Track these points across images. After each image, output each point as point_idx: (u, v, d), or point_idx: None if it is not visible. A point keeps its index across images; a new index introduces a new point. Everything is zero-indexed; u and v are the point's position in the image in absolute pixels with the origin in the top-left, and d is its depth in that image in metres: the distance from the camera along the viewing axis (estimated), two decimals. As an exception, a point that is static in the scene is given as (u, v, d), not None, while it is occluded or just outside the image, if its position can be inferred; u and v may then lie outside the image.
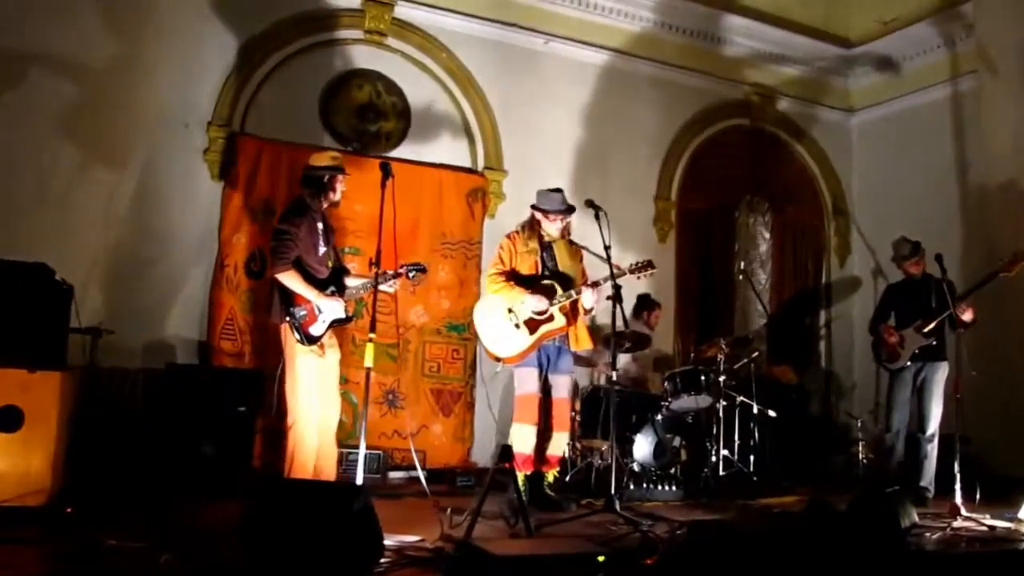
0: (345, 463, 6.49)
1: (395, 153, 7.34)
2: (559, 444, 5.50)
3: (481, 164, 7.65)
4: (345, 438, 6.77)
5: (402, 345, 7.16)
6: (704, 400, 6.74)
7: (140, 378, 5.83)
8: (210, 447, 5.50)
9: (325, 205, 5.21)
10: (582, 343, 5.48)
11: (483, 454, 7.33)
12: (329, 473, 5.13)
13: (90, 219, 6.34)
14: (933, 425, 6.32)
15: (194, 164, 6.71)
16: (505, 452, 4.22)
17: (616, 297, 5.02)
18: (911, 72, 8.75)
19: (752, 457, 7.00)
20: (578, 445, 6.61)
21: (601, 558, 2.84)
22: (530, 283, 5.31)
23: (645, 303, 7.57)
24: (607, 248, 5.23)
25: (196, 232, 6.64)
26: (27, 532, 3.75)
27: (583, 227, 5.67)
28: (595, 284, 5.31)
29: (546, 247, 5.50)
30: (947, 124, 8.40)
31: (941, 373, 6.35)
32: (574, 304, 5.40)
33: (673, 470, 6.41)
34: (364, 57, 7.33)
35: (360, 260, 7.05)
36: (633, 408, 6.74)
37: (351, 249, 7.04)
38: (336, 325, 5.09)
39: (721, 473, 6.67)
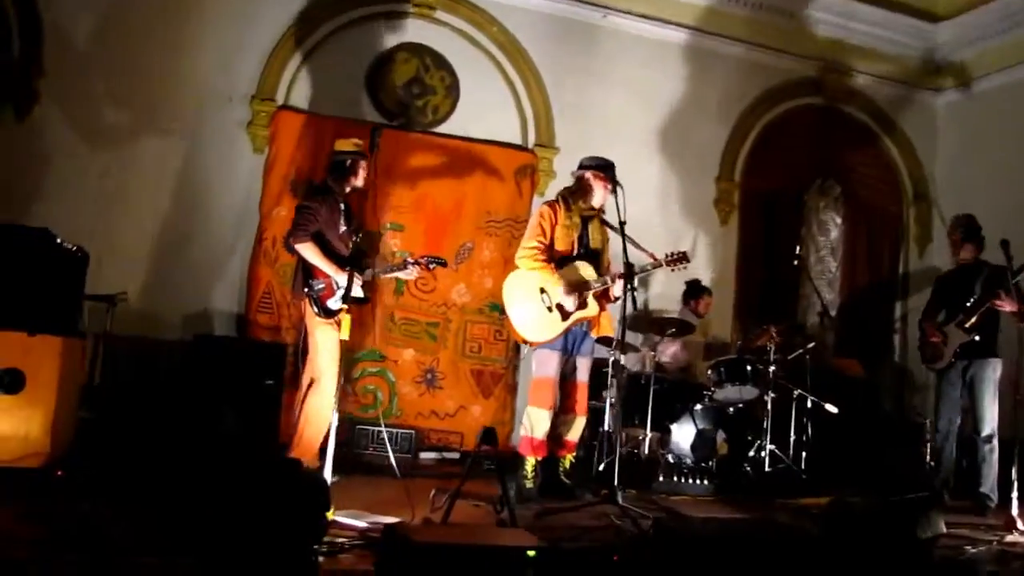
0: (375, 442, 6.52)
1: (442, 128, 7.28)
2: (578, 429, 5.31)
3: (532, 141, 7.48)
4: (378, 416, 6.81)
5: (443, 324, 7.07)
6: (749, 392, 6.45)
7: (165, 349, 5.89)
8: (232, 418, 5.51)
9: (348, 189, 5.27)
10: (603, 330, 5.26)
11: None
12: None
13: (136, 189, 6.50)
14: (989, 426, 5.88)
15: (237, 137, 6.76)
16: (487, 436, 4.05)
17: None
18: (1001, 48, 8.15)
19: (804, 454, 6.67)
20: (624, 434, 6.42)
21: (532, 553, 2.66)
22: (564, 263, 5.11)
23: (693, 290, 7.28)
24: (622, 224, 4.97)
25: (237, 205, 6.70)
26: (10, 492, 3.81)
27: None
28: (636, 272, 5.04)
29: (585, 221, 5.25)
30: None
31: (991, 370, 5.92)
32: (605, 290, 5.19)
33: (709, 463, 6.13)
34: (413, 31, 7.24)
35: (403, 236, 7.02)
36: (676, 397, 6.48)
37: (393, 225, 7.00)
38: (353, 303, 5.02)
39: (767, 469, 6.36)
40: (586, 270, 5.08)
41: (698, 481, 5.90)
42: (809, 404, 6.62)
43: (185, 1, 6.67)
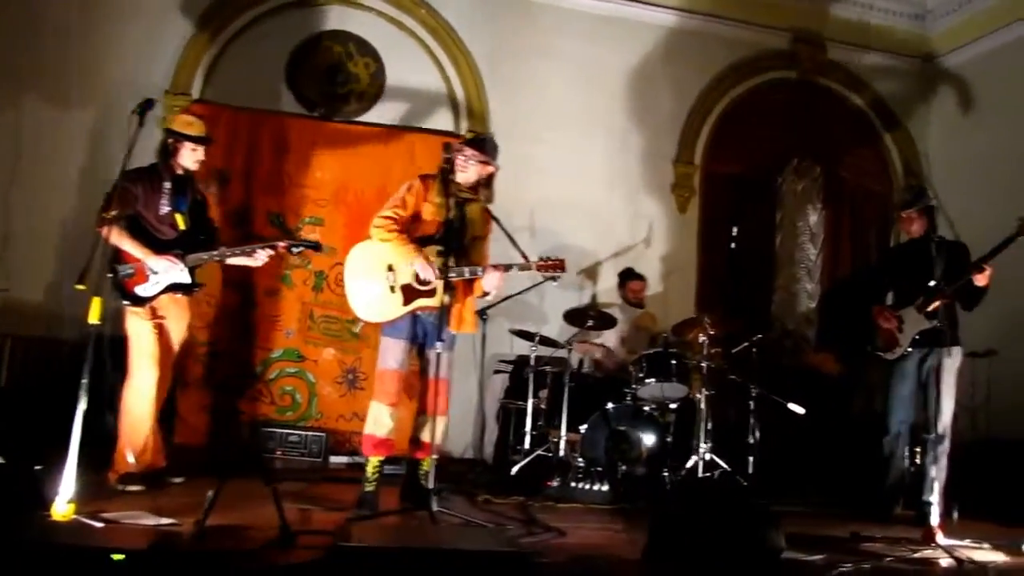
0: (283, 444, 6.36)
1: (367, 116, 7.12)
2: (437, 429, 4.98)
3: (464, 127, 7.22)
4: (298, 419, 6.66)
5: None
6: (676, 389, 6.00)
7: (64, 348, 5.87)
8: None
9: (179, 170, 4.95)
10: (466, 326, 4.90)
11: (459, 443, 6.93)
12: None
13: (55, 186, 6.54)
14: (942, 424, 5.28)
15: (150, 132, 6.68)
16: (254, 430, 3.79)
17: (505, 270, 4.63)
18: (992, 10, 7.47)
19: (751, 459, 6.19)
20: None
21: (119, 557, 2.41)
22: (424, 243, 4.78)
23: (624, 276, 6.92)
24: (495, 218, 4.72)
25: (150, 201, 6.65)
26: None
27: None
28: (506, 268, 4.69)
29: (460, 205, 4.89)
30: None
31: (952, 360, 5.32)
32: (470, 282, 4.85)
33: (619, 467, 5.72)
34: (336, 18, 7.12)
35: (323, 231, 6.83)
36: (599, 395, 6.12)
37: (312, 219, 6.83)
38: (177, 291, 4.84)
39: (701, 474, 5.91)
40: (443, 255, 4.74)
41: (594, 487, 5.50)
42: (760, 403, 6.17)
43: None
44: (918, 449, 5.82)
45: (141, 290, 4.74)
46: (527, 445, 6.13)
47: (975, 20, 7.64)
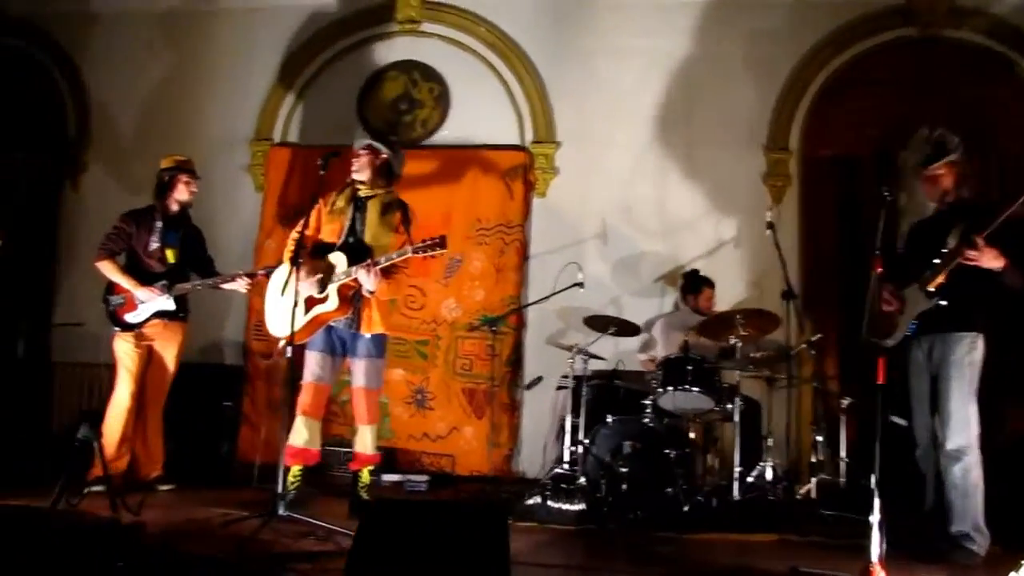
0: (342, 462, 6.68)
1: (434, 140, 7.39)
2: (363, 439, 5.09)
3: (529, 139, 7.22)
4: (370, 438, 6.97)
5: (433, 341, 7.05)
6: (697, 400, 5.48)
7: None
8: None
9: (175, 207, 5.68)
10: (373, 326, 4.98)
11: (530, 464, 6.83)
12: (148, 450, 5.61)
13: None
14: (954, 433, 4.37)
15: (241, 178, 7.52)
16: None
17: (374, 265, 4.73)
18: None
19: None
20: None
21: None
22: (323, 252, 4.99)
23: (692, 283, 6.46)
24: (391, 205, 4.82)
25: (241, 241, 7.39)
26: None
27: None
28: (373, 263, 4.77)
29: (359, 207, 5.08)
30: None
31: (964, 350, 4.42)
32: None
33: (583, 486, 5.35)
34: (401, 48, 7.52)
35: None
36: (620, 404, 5.79)
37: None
38: (163, 318, 5.45)
39: (736, 497, 5.30)
40: (338, 260, 4.89)
41: (567, 506, 5.15)
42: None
43: (190, 61, 7.74)
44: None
45: (130, 317, 5.55)
46: (566, 462, 5.94)
47: None
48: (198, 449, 6.38)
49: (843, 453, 5.85)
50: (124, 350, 5.51)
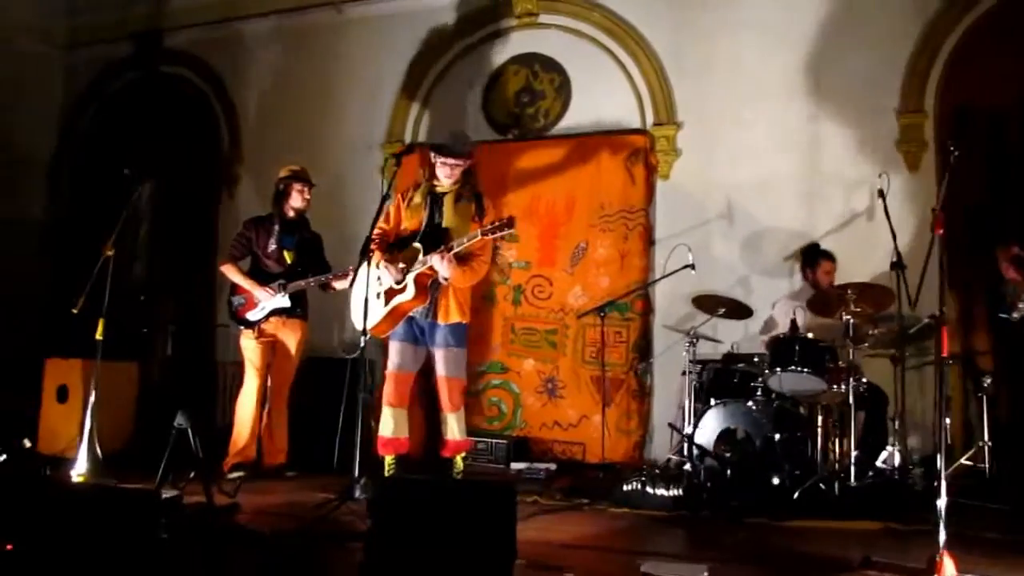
0: (475, 451, 6.88)
1: (556, 130, 7.49)
2: (451, 427, 5.27)
3: (651, 122, 7.18)
4: (504, 428, 7.19)
5: (561, 330, 7.16)
6: (807, 381, 5.28)
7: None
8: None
9: (291, 213, 6.09)
10: (451, 315, 5.15)
11: (662, 451, 6.81)
12: (273, 439, 6.01)
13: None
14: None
15: (375, 180, 7.89)
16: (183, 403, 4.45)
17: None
18: None
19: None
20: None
21: None
22: (404, 244, 5.24)
23: (810, 256, 6.23)
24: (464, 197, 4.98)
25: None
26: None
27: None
28: (447, 249, 4.96)
29: (436, 200, 5.31)
30: None
31: None
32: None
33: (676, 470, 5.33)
34: (520, 42, 7.67)
35: (518, 247, 7.38)
36: (734, 388, 5.69)
37: (508, 237, 7.33)
38: (281, 315, 5.84)
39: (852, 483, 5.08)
40: (417, 250, 5.14)
41: (662, 491, 5.05)
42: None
43: (323, 71, 8.25)
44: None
45: (251, 315, 5.98)
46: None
47: None
48: (331, 439, 6.79)
49: (986, 436, 5.52)
50: (248, 346, 5.96)
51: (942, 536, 3.35)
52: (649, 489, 5.16)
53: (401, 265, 5.16)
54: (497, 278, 7.36)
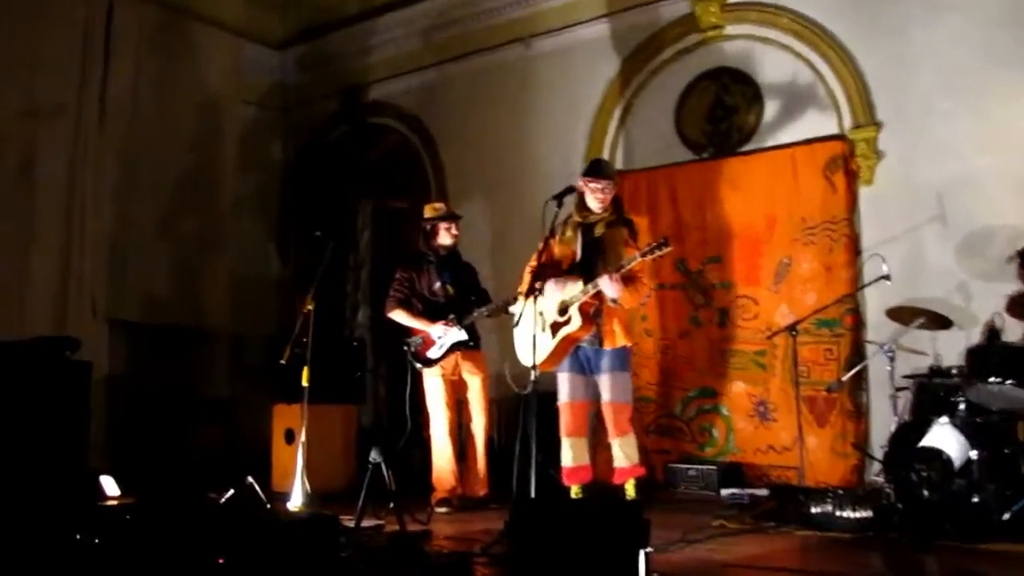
0: (684, 479, 6.92)
1: (750, 145, 7.38)
2: (620, 453, 5.33)
3: (848, 125, 6.91)
4: (717, 454, 7.18)
5: (769, 351, 7.03)
6: (1010, 393, 4.93)
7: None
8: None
9: (442, 252, 6.40)
10: (617, 340, 5.24)
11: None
12: (472, 473, 6.31)
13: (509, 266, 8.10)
14: None
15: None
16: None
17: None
18: None
19: None
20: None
21: None
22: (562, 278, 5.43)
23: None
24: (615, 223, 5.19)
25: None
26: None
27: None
28: (617, 269, 5.08)
29: (588, 230, 5.42)
30: None
31: None
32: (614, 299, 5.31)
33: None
34: (707, 56, 7.62)
35: (720, 268, 7.34)
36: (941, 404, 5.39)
37: (710, 259, 7.37)
38: (459, 348, 6.14)
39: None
40: (573, 285, 5.33)
41: (849, 513, 4.89)
42: None
43: (518, 106, 8.55)
44: None
45: (431, 353, 6.29)
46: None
47: None
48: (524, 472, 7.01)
49: None
50: (433, 384, 6.27)
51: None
52: (839, 511, 5.04)
53: (561, 300, 5.36)
54: (702, 301, 7.36)
